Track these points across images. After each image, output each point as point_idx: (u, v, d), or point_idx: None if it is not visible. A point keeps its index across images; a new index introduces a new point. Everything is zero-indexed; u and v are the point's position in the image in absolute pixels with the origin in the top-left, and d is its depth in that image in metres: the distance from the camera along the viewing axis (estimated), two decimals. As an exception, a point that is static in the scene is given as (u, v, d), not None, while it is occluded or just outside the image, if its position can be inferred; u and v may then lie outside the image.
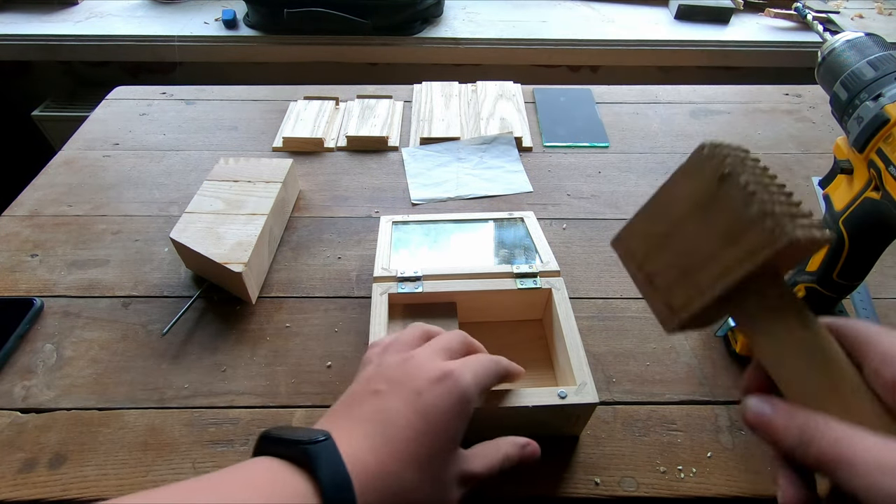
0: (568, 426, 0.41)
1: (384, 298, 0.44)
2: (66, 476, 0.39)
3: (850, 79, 0.37)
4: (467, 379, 0.30)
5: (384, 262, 0.48)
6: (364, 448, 0.27)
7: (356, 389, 0.31)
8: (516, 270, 0.47)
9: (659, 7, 1.29)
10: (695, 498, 0.38)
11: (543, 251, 0.49)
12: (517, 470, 0.34)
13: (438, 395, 0.29)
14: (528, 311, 0.48)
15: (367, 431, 0.28)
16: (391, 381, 0.30)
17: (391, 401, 0.29)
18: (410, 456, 0.27)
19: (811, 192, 0.66)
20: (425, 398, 0.29)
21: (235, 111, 0.80)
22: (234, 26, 1.17)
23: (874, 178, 0.35)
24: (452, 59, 1.17)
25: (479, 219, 0.55)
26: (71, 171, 0.68)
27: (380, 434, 0.28)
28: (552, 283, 0.46)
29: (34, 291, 0.53)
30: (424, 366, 0.31)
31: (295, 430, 0.28)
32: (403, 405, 0.29)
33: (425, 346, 0.33)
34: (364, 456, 0.27)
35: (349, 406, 0.30)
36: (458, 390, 0.29)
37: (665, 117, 0.79)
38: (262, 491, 0.24)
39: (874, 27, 1.22)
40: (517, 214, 0.55)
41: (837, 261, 0.38)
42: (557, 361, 0.44)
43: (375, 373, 0.32)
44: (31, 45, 1.13)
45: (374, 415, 0.29)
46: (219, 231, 0.52)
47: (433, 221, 0.54)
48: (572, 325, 0.42)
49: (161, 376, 0.46)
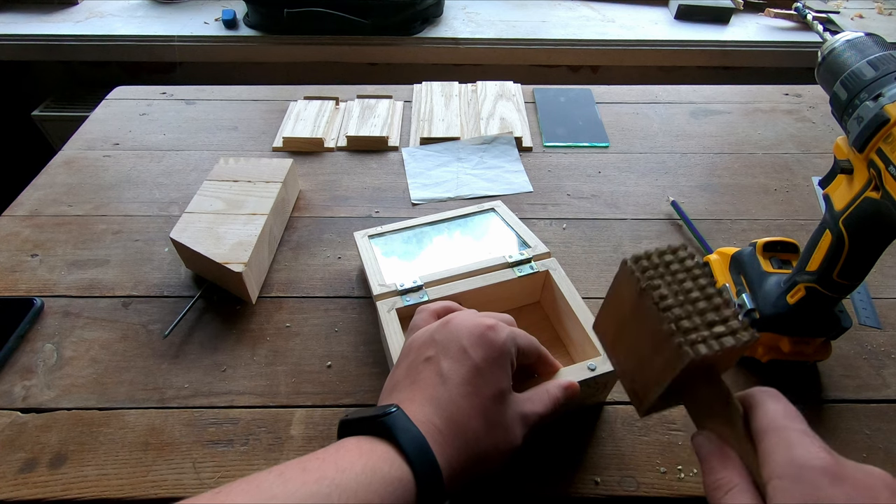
0: (596, 395, 0.43)
1: (393, 315, 0.43)
2: (66, 476, 0.39)
3: (850, 79, 0.37)
4: (505, 332, 0.34)
5: (378, 277, 0.47)
6: (429, 411, 0.31)
7: (412, 360, 0.34)
8: (510, 259, 0.47)
9: (659, 7, 1.29)
10: (695, 498, 0.38)
11: (527, 236, 0.50)
12: (518, 467, 0.34)
13: (482, 347, 0.32)
14: (527, 296, 0.50)
15: (429, 396, 0.31)
16: (439, 345, 0.33)
17: (443, 363, 0.32)
18: (470, 408, 0.31)
19: (811, 192, 0.66)
20: (471, 354, 0.32)
21: (235, 111, 0.80)
22: (234, 26, 1.17)
23: (874, 178, 0.35)
24: (452, 59, 1.17)
25: (451, 217, 0.54)
26: (71, 171, 0.68)
27: (440, 396, 0.31)
28: (547, 265, 0.47)
29: (34, 291, 0.53)
30: (465, 323, 0.34)
31: (367, 410, 0.31)
32: (455, 364, 0.32)
33: (466, 310, 0.37)
34: (432, 418, 0.30)
35: (410, 377, 0.33)
36: (498, 341, 0.33)
37: (665, 117, 0.79)
38: (354, 459, 0.28)
39: (874, 27, 1.22)
40: (487, 206, 0.55)
41: (837, 260, 0.38)
42: (570, 337, 0.45)
43: (424, 340, 0.35)
44: (31, 45, 1.13)
45: (432, 378, 0.32)
46: (219, 231, 0.52)
47: (408, 228, 0.53)
48: (578, 300, 0.44)
49: (161, 376, 0.46)
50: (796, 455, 0.23)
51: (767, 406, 0.26)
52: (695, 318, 0.25)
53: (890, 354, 0.48)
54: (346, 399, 0.44)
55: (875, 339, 0.49)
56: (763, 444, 0.25)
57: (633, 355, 0.29)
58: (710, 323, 0.25)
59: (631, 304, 0.28)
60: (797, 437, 0.24)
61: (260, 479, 0.27)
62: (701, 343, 0.25)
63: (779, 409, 0.26)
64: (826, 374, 0.46)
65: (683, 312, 0.25)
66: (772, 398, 0.26)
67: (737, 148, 0.73)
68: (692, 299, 0.26)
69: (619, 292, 0.30)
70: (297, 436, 0.42)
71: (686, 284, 0.26)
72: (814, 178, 0.68)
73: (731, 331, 0.25)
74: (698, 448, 0.27)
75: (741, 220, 0.62)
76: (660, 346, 0.26)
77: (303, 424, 0.43)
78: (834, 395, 0.45)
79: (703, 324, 0.25)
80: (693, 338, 0.25)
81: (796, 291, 0.42)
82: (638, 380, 0.29)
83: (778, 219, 0.62)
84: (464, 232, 0.53)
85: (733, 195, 0.65)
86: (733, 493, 0.24)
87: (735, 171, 0.69)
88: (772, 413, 0.25)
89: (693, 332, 0.25)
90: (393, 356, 0.40)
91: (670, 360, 0.25)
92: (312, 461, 0.28)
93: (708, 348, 0.24)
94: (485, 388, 0.31)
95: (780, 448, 0.24)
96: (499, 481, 0.39)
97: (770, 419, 0.25)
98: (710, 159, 0.71)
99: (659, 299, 0.26)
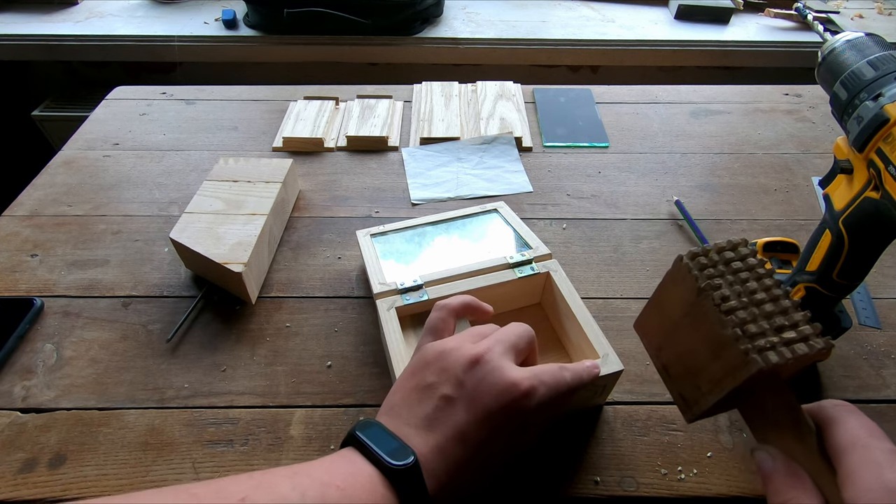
0: (595, 397, 0.42)
1: (392, 314, 0.43)
2: (66, 476, 0.39)
3: (850, 78, 0.37)
4: (537, 396, 0.31)
5: (378, 276, 0.47)
6: (440, 467, 0.29)
7: (428, 387, 0.32)
8: (511, 260, 0.47)
9: (659, 7, 1.29)
10: (695, 498, 0.38)
11: (529, 237, 0.50)
12: (518, 468, 0.34)
13: (509, 416, 0.30)
14: (527, 298, 0.49)
15: (442, 447, 0.30)
16: (464, 391, 0.31)
17: (464, 416, 0.30)
18: (480, 468, 0.30)
19: (811, 192, 0.66)
20: (497, 420, 0.30)
21: (235, 111, 0.80)
22: (234, 26, 1.17)
23: (874, 178, 0.35)
24: (452, 59, 1.17)
25: (454, 217, 0.55)
26: (71, 171, 0.68)
27: (457, 455, 0.30)
28: (548, 266, 0.47)
29: (34, 291, 0.53)
30: (499, 382, 0.31)
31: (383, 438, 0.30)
32: (477, 427, 0.30)
33: (494, 343, 0.33)
34: (441, 475, 0.29)
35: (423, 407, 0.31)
36: (528, 409, 0.31)
37: (665, 117, 0.79)
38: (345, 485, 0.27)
39: (874, 27, 1.22)
40: (489, 206, 0.55)
41: (837, 260, 0.38)
42: (570, 339, 0.45)
43: (445, 368, 0.32)
44: (31, 45, 1.13)
45: (450, 431, 0.30)
46: (219, 231, 0.52)
47: (411, 227, 0.53)
48: (579, 302, 0.44)
49: (161, 376, 0.46)
50: (888, 478, 0.21)
51: (848, 422, 0.24)
52: (761, 321, 0.23)
53: (890, 354, 0.48)
54: (346, 399, 0.44)
55: (875, 339, 0.49)
56: (845, 464, 0.22)
57: (685, 359, 0.27)
58: (778, 328, 0.23)
59: (685, 304, 0.26)
60: (886, 458, 0.22)
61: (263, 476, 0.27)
62: (770, 350, 0.22)
63: (861, 424, 0.24)
64: (826, 375, 0.46)
65: (749, 315, 0.23)
66: (851, 413, 0.24)
67: (737, 148, 0.73)
68: (757, 301, 0.24)
69: (670, 291, 0.27)
70: (297, 436, 0.42)
71: (750, 285, 0.24)
72: (814, 178, 0.68)
73: (803, 337, 0.23)
74: (762, 465, 0.25)
75: (741, 220, 0.62)
76: (720, 351, 0.24)
77: (302, 424, 0.43)
78: (834, 396, 0.45)
79: (771, 329, 0.23)
80: (761, 344, 0.22)
81: (796, 291, 0.42)
82: (689, 385, 0.27)
83: (778, 219, 0.62)
84: (466, 232, 0.53)
85: (733, 195, 0.65)
86: None
87: (735, 171, 0.69)
88: (854, 429, 0.23)
89: (760, 338, 0.23)
90: (392, 355, 0.40)
91: (733, 368, 0.23)
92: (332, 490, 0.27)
93: (779, 356, 0.22)
94: (500, 447, 0.31)
95: (868, 469, 0.22)
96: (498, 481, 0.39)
97: (852, 436, 0.23)
98: (710, 159, 0.71)
99: (720, 301, 0.24)
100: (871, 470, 0.21)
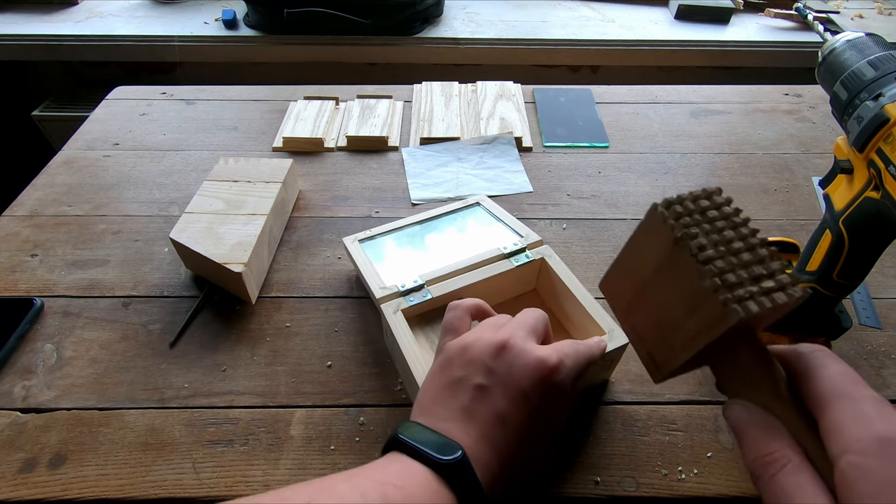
0: (601, 373, 0.44)
1: (399, 316, 0.44)
2: (66, 476, 0.39)
3: (851, 78, 0.37)
4: (566, 369, 0.32)
5: (376, 280, 0.47)
6: (487, 454, 0.30)
7: (460, 380, 0.32)
8: (506, 251, 0.48)
9: (659, 7, 1.29)
10: (695, 498, 0.38)
11: (516, 226, 0.51)
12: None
13: (542, 393, 0.31)
14: (522, 285, 0.50)
15: (485, 434, 0.30)
16: (496, 377, 0.31)
17: (501, 401, 0.31)
18: (525, 449, 0.31)
19: (811, 192, 0.66)
20: (532, 399, 0.31)
21: (235, 111, 0.80)
22: (234, 26, 1.17)
23: (874, 178, 0.35)
24: (452, 59, 1.17)
25: (440, 214, 0.55)
26: (71, 171, 0.68)
27: (498, 439, 0.30)
28: (542, 252, 0.48)
29: (34, 291, 0.53)
30: (527, 361, 0.31)
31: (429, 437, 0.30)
32: (514, 408, 0.31)
33: (515, 328, 0.34)
34: (490, 462, 0.29)
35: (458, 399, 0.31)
36: (560, 383, 0.32)
37: (665, 117, 0.79)
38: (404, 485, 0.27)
39: (874, 27, 1.22)
40: (471, 200, 0.56)
41: (837, 260, 0.38)
42: (570, 320, 0.46)
43: (473, 359, 0.32)
44: (31, 45, 1.13)
45: (489, 417, 0.30)
46: (219, 231, 0.52)
47: (398, 229, 0.53)
48: (576, 282, 0.45)
49: (161, 376, 0.46)
50: (879, 428, 0.20)
51: (828, 369, 0.22)
52: (739, 271, 0.22)
53: (890, 354, 0.48)
54: (346, 399, 0.44)
55: (875, 339, 0.49)
56: (830, 416, 0.21)
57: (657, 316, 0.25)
58: (756, 277, 0.22)
59: (659, 257, 0.24)
60: (874, 409, 0.20)
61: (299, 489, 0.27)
62: (749, 300, 0.21)
63: (841, 372, 0.22)
64: (826, 375, 0.46)
65: (727, 265, 0.22)
66: (830, 359, 0.23)
67: (737, 148, 0.73)
68: (735, 250, 0.23)
69: (641, 245, 0.26)
70: (297, 436, 0.42)
71: (727, 234, 0.23)
72: (814, 178, 0.68)
73: (781, 286, 0.22)
74: (736, 420, 0.23)
75: (741, 220, 0.62)
76: (696, 304, 0.22)
77: (303, 424, 0.43)
78: (834, 396, 0.45)
79: (749, 278, 0.22)
80: (740, 293, 0.21)
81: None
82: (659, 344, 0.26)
83: (778, 219, 0.62)
84: (454, 228, 0.54)
85: (733, 195, 0.65)
86: (788, 470, 0.21)
87: (735, 171, 0.69)
88: (834, 378, 0.22)
89: (739, 288, 0.22)
90: (406, 355, 0.40)
91: (711, 321, 0.22)
92: (389, 489, 0.27)
93: (759, 305, 0.21)
94: (540, 428, 0.31)
95: (856, 421, 0.20)
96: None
97: (834, 386, 0.22)
98: (710, 159, 0.71)
99: (698, 250, 0.22)
100: (860, 422, 0.20)
